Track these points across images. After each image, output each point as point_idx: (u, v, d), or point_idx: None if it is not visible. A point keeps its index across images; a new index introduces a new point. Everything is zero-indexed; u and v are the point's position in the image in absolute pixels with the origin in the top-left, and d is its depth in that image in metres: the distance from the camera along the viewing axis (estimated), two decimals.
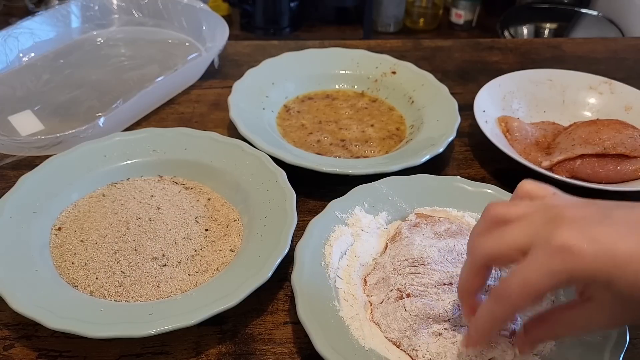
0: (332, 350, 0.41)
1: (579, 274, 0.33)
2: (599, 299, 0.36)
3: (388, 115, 0.74)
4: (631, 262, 0.33)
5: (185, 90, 0.78)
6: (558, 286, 0.35)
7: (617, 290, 0.33)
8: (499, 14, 1.81)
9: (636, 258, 0.33)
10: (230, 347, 0.46)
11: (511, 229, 0.37)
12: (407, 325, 0.44)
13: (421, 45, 0.93)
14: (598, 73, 0.77)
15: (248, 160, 0.58)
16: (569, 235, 0.33)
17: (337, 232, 0.51)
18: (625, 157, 0.62)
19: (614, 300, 0.35)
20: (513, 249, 0.36)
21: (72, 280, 0.48)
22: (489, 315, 0.38)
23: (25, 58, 0.79)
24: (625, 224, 0.34)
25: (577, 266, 0.33)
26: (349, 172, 0.59)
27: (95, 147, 0.59)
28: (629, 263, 0.33)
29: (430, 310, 0.44)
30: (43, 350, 0.45)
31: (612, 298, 0.35)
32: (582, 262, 0.33)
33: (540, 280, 0.34)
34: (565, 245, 0.33)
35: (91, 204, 0.56)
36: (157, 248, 0.51)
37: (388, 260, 0.49)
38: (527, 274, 0.35)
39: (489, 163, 0.67)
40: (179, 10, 0.87)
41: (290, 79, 0.76)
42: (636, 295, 0.33)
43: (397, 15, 2.06)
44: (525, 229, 0.36)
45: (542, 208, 0.37)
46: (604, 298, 0.36)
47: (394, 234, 0.52)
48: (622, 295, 0.34)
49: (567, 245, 0.33)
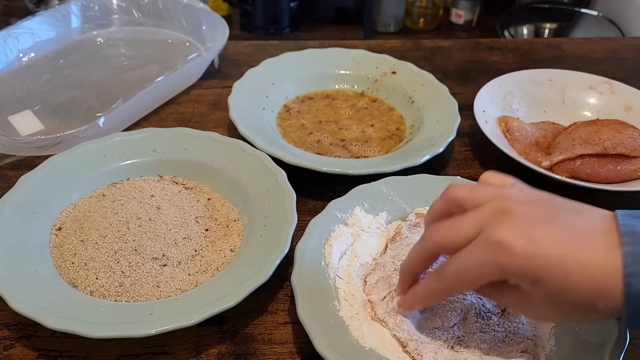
0: (332, 350, 0.41)
1: (510, 269, 0.36)
2: (526, 292, 0.37)
3: (388, 115, 0.74)
4: (560, 264, 0.35)
5: (185, 90, 0.78)
6: (489, 277, 0.37)
7: (546, 289, 0.35)
8: (499, 14, 1.81)
9: (566, 261, 0.34)
10: (230, 347, 0.46)
11: (463, 221, 0.39)
12: (417, 326, 0.44)
13: (421, 45, 0.93)
14: (598, 73, 0.77)
15: (248, 160, 0.58)
16: (507, 233, 0.36)
17: (337, 232, 0.51)
18: (625, 157, 0.62)
19: (544, 298, 0.37)
20: (462, 240, 0.38)
21: (72, 280, 0.48)
22: (427, 289, 0.42)
23: (25, 58, 0.79)
24: (568, 228, 0.36)
25: (508, 261, 0.35)
26: (349, 172, 0.59)
27: (95, 147, 0.59)
28: (559, 265, 0.35)
29: (435, 316, 0.44)
30: (43, 350, 0.45)
31: (542, 295, 0.36)
32: (513, 259, 0.35)
33: (473, 269, 0.37)
34: (502, 241, 0.36)
35: (91, 204, 0.56)
36: (157, 248, 0.51)
37: (389, 261, 0.49)
38: (463, 261, 0.38)
39: (489, 163, 0.67)
40: (179, 10, 0.87)
41: (290, 79, 0.76)
42: (564, 297, 0.35)
43: (397, 15, 2.06)
44: (475, 220, 0.38)
45: (495, 198, 0.39)
46: (534, 294, 0.37)
47: (394, 234, 0.52)
48: (552, 295, 0.36)
49: (503, 241, 0.36)
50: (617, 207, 0.61)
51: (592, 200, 0.62)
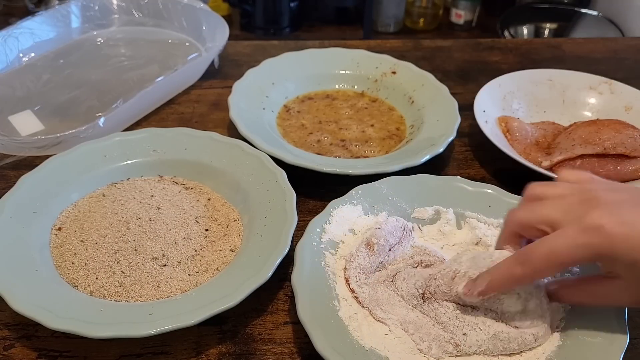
0: (332, 350, 0.41)
1: (606, 251, 0.36)
2: (624, 279, 0.38)
3: (388, 115, 0.74)
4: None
5: (185, 90, 0.78)
6: (582, 260, 0.37)
7: None
8: (499, 14, 1.81)
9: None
10: (230, 347, 0.46)
11: (546, 204, 0.40)
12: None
13: (421, 45, 0.93)
14: (598, 73, 0.77)
15: (248, 160, 0.58)
16: (600, 215, 0.36)
17: (337, 232, 0.51)
18: (625, 157, 0.62)
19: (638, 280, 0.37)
20: (544, 222, 0.39)
21: (72, 280, 0.48)
22: (508, 273, 0.40)
23: (25, 58, 0.79)
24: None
25: (605, 244, 0.36)
26: (349, 172, 0.59)
27: (95, 147, 0.59)
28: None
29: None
30: (43, 350, 0.45)
31: (637, 278, 0.37)
32: (609, 241, 0.36)
33: (566, 251, 0.37)
34: (597, 224, 0.36)
35: (91, 204, 0.56)
36: (157, 248, 0.51)
37: None
38: (554, 243, 0.38)
39: (489, 163, 0.67)
40: (179, 10, 0.87)
41: (290, 79, 0.76)
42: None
43: (397, 15, 2.06)
44: (559, 206, 0.39)
45: (578, 190, 0.40)
46: (629, 278, 0.38)
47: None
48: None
49: (598, 224, 0.36)
50: None
51: None
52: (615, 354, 0.42)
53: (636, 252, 0.36)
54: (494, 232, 0.53)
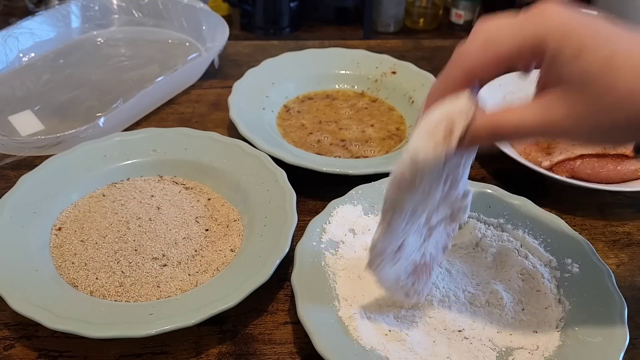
0: (332, 350, 0.41)
1: (551, 31, 0.32)
2: (564, 81, 0.33)
3: (388, 115, 0.74)
4: (608, 40, 0.31)
5: (185, 90, 0.78)
6: (521, 48, 0.33)
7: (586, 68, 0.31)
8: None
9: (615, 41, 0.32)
10: (230, 347, 0.46)
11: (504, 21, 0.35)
12: None
13: (421, 45, 0.93)
14: None
15: (248, 160, 0.58)
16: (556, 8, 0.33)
17: (337, 232, 0.51)
18: (625, 157, 0.62)
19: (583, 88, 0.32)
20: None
21: (72, 280, 0.48)
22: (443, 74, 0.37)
23: (25, 58, 0.79)
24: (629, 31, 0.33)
25: (550, 24, 0.32)
26: (349, 172, 0.59)
27: (95, 147, 0.59)
28: (606, 39, 0.32)
29: None
30: (43, 350, 0.45)
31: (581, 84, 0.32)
32: (557, 22, 0.32)
33: (507, 35, 0.33)
34: (548, 9, 0.32)
35: (91, 204, 0.56)
36: (157, 248, 0.51)
37: None
38: (491, 26, 0.34)
39: (489, 163, 0.67)
40: (179, 10, 0.87)
41: (290, 79, 0.76)
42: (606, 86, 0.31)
43: (397, 15, 2.05)
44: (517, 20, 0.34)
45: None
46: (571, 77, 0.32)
47: None
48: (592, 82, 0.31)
49: (550, 9, 0.32)
50: (617, 207, 0.62)
51: (592, 200, 0.63)
52: (615, 354, 0.42)
53: (584, 37, 0.31)
54: (494, 232, 0.53)
